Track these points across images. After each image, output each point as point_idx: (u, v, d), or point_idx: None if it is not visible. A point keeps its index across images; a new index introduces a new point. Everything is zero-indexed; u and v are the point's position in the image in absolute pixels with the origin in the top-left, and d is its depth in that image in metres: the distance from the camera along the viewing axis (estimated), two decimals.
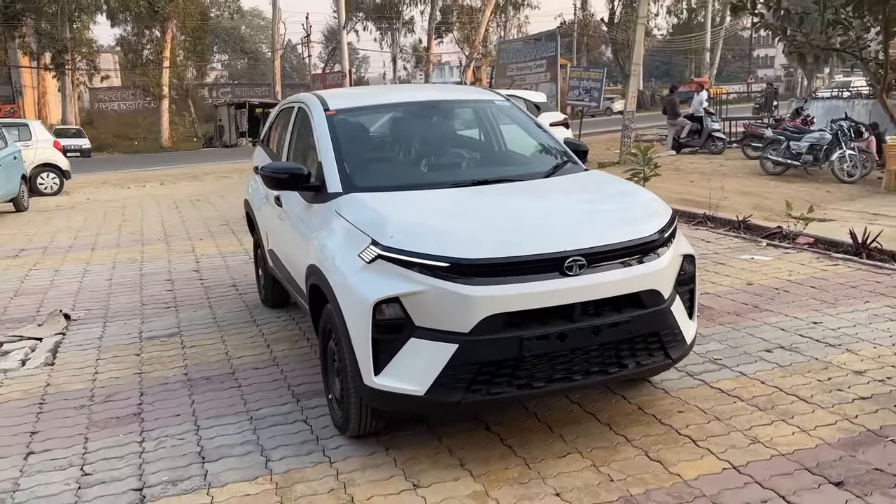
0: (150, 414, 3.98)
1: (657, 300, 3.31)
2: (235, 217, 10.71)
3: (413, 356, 3.11)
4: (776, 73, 75.41)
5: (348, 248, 3.34)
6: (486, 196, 3.69)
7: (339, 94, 4.80)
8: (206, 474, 3.30)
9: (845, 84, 35.46)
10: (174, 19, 38.28)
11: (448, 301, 3.03)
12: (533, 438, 3.50)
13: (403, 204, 3.53)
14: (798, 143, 14.34)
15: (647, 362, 3.35)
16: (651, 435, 3.49)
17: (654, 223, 3.42)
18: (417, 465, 3.30)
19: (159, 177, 18.82)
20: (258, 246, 5.91)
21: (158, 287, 6.72)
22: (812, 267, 6.43)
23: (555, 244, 3.13)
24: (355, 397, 3.33)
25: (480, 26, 45.44)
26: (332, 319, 3.43)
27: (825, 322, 4.95)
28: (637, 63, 15.04)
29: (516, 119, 4.64)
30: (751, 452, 3.29)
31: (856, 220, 10.48)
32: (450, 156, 4.36)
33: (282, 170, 4.01)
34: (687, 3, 61.77)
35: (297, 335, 5.18)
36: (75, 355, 4.96)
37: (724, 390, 3.95)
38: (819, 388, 3.91)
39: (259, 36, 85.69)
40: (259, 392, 4.21)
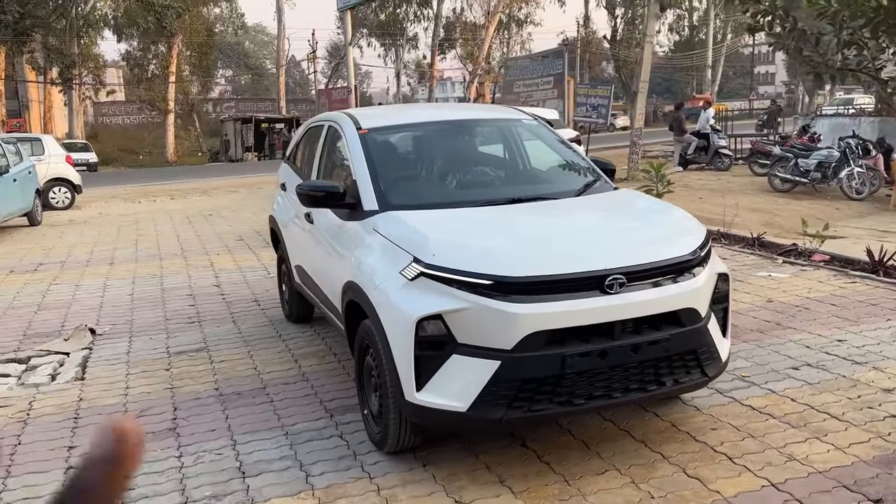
0: (185, 429, 4.01)
1: (695, 318, 3.35)
2: (249, 232, 10.79)
3: (455, 372, 3.14)
4: (777, 89, 75.72)
5: (389, 265, 3.39)
6: (523, 214, 3.74)
7: (370, 112, 4.86)
8: (248, 489, 3.33)
9: (848, 101, 35.70)
10: (181, 35, 38.58)
11: (491, 318, 3.08)
12: (570, 455, 3.53)
13: (441, 221, 3.58)
14: (806, 161, 14.42)
15: (684, 380, 3.39)
16: (687, 452, 3.52)
17: (691, 242, 3.47)
18: (457, 481, 3.33)
19: (168, 191, 18.91)
20: (282, 262, 5.95)
21: (180, 302, 6.76)
22: (830, 284, 6.47)
23: (596, 262, 3.17)
24: (395, 413, 3.36)
25: (484, 43, 45.78)
26: (371, 335, 3.48)
27: (849, 340, 4.98)
28: (645, 80, 15.15)
29: (545, 137, 4.70)
30: (788, 470, 3.32)
31: (866, 237, 10.53)
32: (481, 174, 4.41)
33: (318, 188, 4.06)
34: (689, 20, 62.16)
35: (323, 350, 5.22)
36: (105, 370, 5.00)
37: (755, 408, 3.98)
38: (850, 406, 3.94)
39: (262, 51, 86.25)
40: (292, 407, 4.24)
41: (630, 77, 48.56)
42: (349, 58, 33.97)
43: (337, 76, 63.19)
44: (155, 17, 32.34)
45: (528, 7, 51.08)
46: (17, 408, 4.41)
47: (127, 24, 39.60)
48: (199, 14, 41.01)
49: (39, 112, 36.09)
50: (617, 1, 52.03)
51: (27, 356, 5.39)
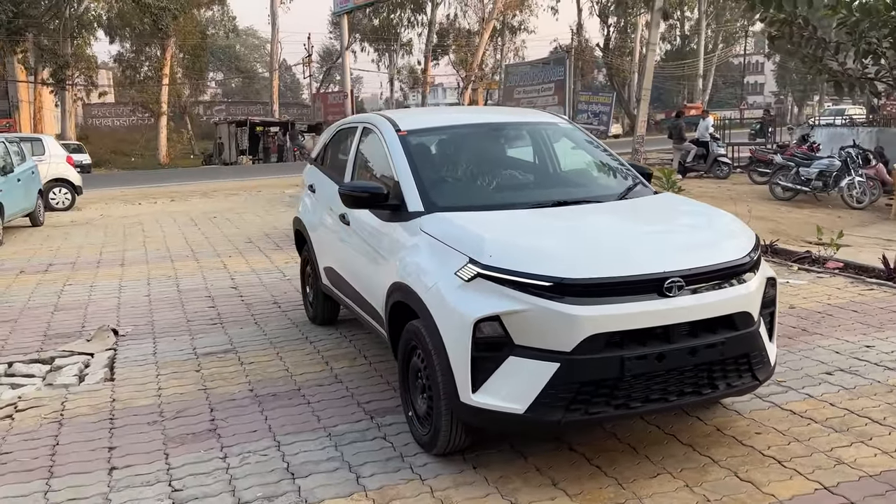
0: (225, 430, 3.98)
1: (748, 322, 3.36)
2: (258, 235, 10.74)
3: (512, 374, 3.14)
4: (766, 99, 76.41)
5: (442, 265, 3.38)
6: (572, 217, 3.75)
7: (406, 114, 4.85)
8: (299, 490, 3.31)
9: (839, 112, 36.04)
10: (174, 37, 38.46)
11: (550, 320, 3.07)
12: (619, 458, 3.53)
13: (492, 223, 3.57)
14: (808, 170, 14.53)
15: (736, 383, 3.40)
16: (736, 456, 3.53)
17: (743, 246, 3.49)
18: (510, 483, 3.32)
19: (167, 193, 18.80)
20: (307, 264, 5.93)
21: (199, 303, 6.72)
22: (849, 291, 6.52)
23: (654, 265, 3.18)
24: (447, 414, 3.35)
25: (478, 49, 45.95)
26: (420, 336, 3.46)
27: (877, 346, 5.02)
28: (647, 88, 15.25)
29: (582, 141, 4.72)
30: (838, 473, 3.33)
31: (871, 245, 10.61)
32: (522, 176, 4.41)
33: (362, 188, 4.05)
34: (681, 30, 62.59)
35: (353, 353, 5.19)
36: (134, 371, 4.95)
37: (795, 412, 4.00)
38: (889, 411, 3.97)
39: (253, 54, 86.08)
40: (329, 409, 4.22)
41: (622, 85, 48.90)
42: (345, 62, 34.08)
43: (329, 80, 63.17)
44: (151, 19, 32.23)
45: (522, 15, 51.27)
46: (50, 408, 4.36)
47: (121, 25, 39.39)
48: (192, 16, 40.89)
49: (30, 112, 35.79)
50: (610, 9, 52.29)
51: (50, 357, 5.34)
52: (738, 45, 66.43)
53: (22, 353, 5.42)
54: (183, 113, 47.27)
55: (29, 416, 4.25)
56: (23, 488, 3.41)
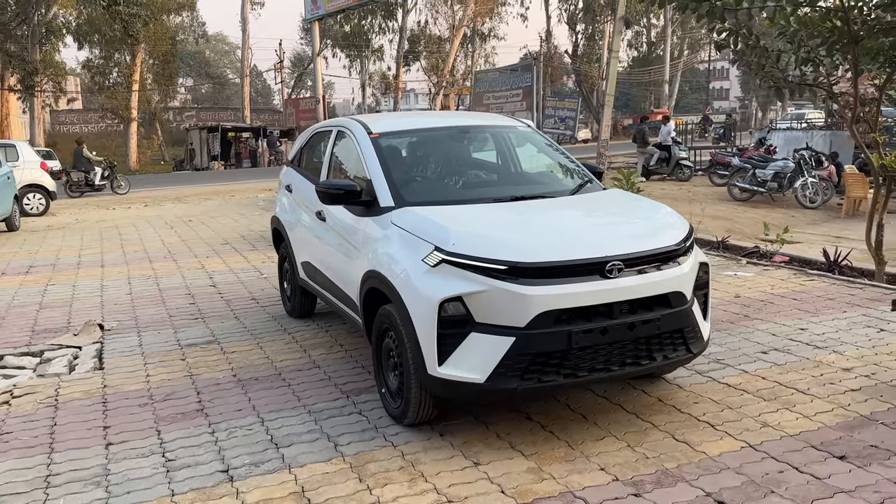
0: (212, 409, 4.31)
1: (682, 301, 3.79)
2: (234, 237, 11.03)
3: (473, 348, 3.53)
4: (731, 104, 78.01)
5: (411, 254, 3.76)
6: (528, 210, 4.16)
7: (377, 118, 5.22)
8: (283, 457, 3.66)
9: (800, 116, 37.12)
10: (145, 43, 38.39)
11: (506, 299, 3.47)
12: (570, 425, 3.93)
13: (455, 216, 3.96)
14: (764, 171, 15.19)
15: (672, 356, 3.83)
16: (674, 421, 3.95)
17: (677, 233, 3.92)
18: (472, 447, 3.71)
19: (140, 199, 18.94)
20: (284, 260, 6.27)
21: (180, 300, 7.02)
22: (791, 282, 7.02)
23: (597, 250, 3.60)
24: (416, 387, 3.73)
25: (449, 56, 46.46)
26: (392, 319, 3.84)
27: (810, 328, 5.49)
28: (611, 94, 15.79)
29: (539, 143, 5.14)
30: (763, 434, 3.77)
31: (821, 242, 11.21)
32: (484, 175, 4.82)
33: (337, 186, 4.42)
34: (647, 37, 63.74)
35: (329, 342, 5.55)
36: (122, 361, 5.26)
37: (730, 385, 4.44)
38: (814, 383, 4.42)
39: (223, 60, 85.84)
40: (309, 390, 4.57)
41: (591, 91, 49.65)
42: (317, 68, 34.32)
43: (300, 86, 63.28)
44: (122, 26, 32.19)
45: (491, 22, 51.96)
46: (44, 394, 4.65)
47: (90, 31, 39.22)
48: (162, 22, 40.85)
49: None
50: (578, 17, 53.17)
51: (40, 350, 5.62)
52: (704, 51, 67.81)
53: (11, 347, 5.69)
54: (153, 119, 47.11)
55: (25, 402, 4.54)
56: (27, 461, 3.72)
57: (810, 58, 7.14)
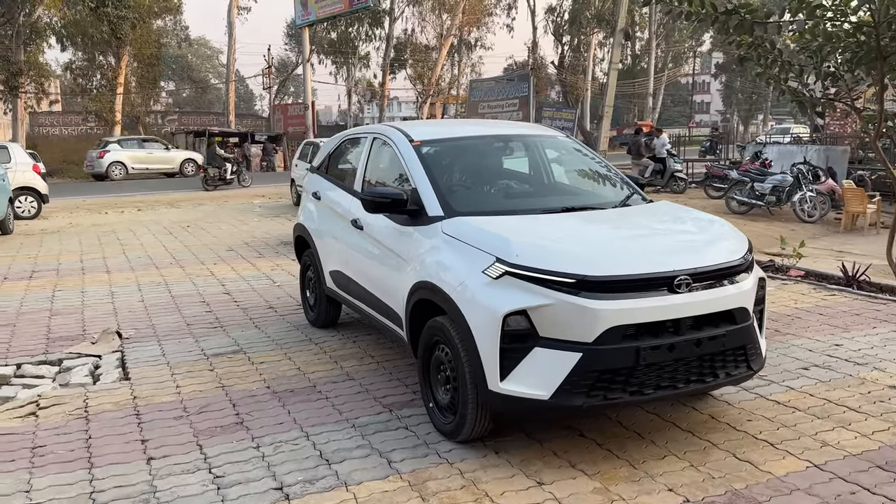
0: (252, 423, 4.17)
1: (745, 317, 3.72)
2: (237, 243, 10.85)
3: (537, 364, 3.42)
4: (712, 118, 78.79)
5: (469, 265, 3.65)
6: (584, 221, 4.07)
7: (413, 126, 5.11)
8: (336, 474, 3.53)
9: (785, 130, 37.58)
10: (130, 46, 37.95)
11: (573, 314, 3.37)
12: (627, 443, 3.84)
13: (511, 226, 3.86)
14: (762, 185, 15.26)
15: (734, 373, 3.75)
16: (732, 440, 3.87)
17: (740, 248, 3.86)
18: (532, 465, 3.60)
19: (131, 203, 18.63)
20: (308, 268, 6.13)
21: (196, 308, 6.85)
22: (813, 297, 7.00)
23: (665, 264, 3.51)
24: (473, 403, 3.62)
25: (437, 65, 46.44)
26: (445, 331, 3.73)
27: (845, 344, 5.46)
28: (609, 105, 15.82)
29: (580, 153, 5.06)
30: (825, 453, 3.70)
31: (825, 255, 11.27)
32: (529, 185, 4.73)
33: (383, 195, 4.30)
34: (631, 49, 64.24)
35: (359, 352, 5.42)
36: (147, 371, 5.09)
37: (780, 402, 4.38)
38: (864, 400, 4.37)
39: (205, 64, 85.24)
40: (349, 403, 4.44)
41: (576, 102, 49.90)
42: (306, 74, 34.12)
43: (283, 92, 62.93)
44: (109, 28, 31.79)
45: (479, 32, 52.00)
46: (73, 405, 4.48)
47: (76, 33, 38.71)
48: (148, 25, 40.42)
49: None
50: (564, 29, 53.45)
51: (58, 359, 5.43)
52: (687, 65, 68.51)
53: (28, 356, 5.50)
54: (137, 122, 46.55)
55: (54, 413, 4.37)
56: (67, 477, 3.56)
57: (831, 72, 7.16)
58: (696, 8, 6.66)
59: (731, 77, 64.23)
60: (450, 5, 45.97)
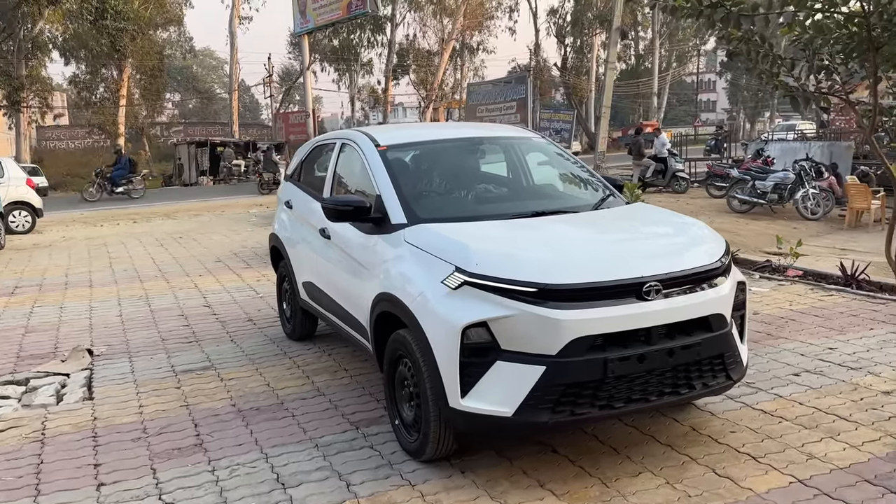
0: (211, 444, 3.99)
1: (722, 324, 3.51)
2: (226, 254, 10.70)
3: (499, 378, 3.23)
4: (718, 116, 78.33)
5: (428, 275, 3.47)
6: (551, 226, 3.87)
7: (382, 130, 4.94)
8: (291, 499, 3.35)
9: (790, 127, 37.19)
10: (132, 58, 38.02)
11: (536, 325, 3.18)
12: (601, 459, 3.64)
13: (475, 233, 3.67)
14: (764, 183, 15.00)
15: (712, 383, 3.54)
16: (713, 454, 3.66)
17: (715, 250, 3.65)
18: (498, 486, 3.40)
19: (128, 215, 18.55)
20: (283, 279, 5.96)
21: (173, 322, 6.68)
22: (809, 297, 6.77)
23: (633, 270, 3.31)
24: (436, 420, 3.43)
25: (439, 69, 46.35)
26: (407, 345, 3.54)
27: (839, 348, 5.23)
28: (607, 105, 15.61)
29: (555, 154, 4.87)
30: (811, 467, 3.49)
31: (826, 254, 11.00)
32: (499, 189, 4.54)
33: (346, 202, 4.12)
34: (635, 49, 63.93)
35: (333, 366, 5.24)
36: (113, 389, 4.92)
37: (766, 411, 4.16)
38: (855, 408, 4.15)
39: (211, 75, 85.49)
40: (314, 421, 4.26)
41: (580, 103, 49.65)
42: (307, 82, 34.05)
43: (288, 100, 62.99)
44: (109, 40, 31.84)
45: (480, 35, 51.90)
46: (31, 428, 4.32)
47: (77, 46, 38.81)
48: (150, 37, 40.50)
49: None
50: (566, 30, 53.26)
51: (25, 378, 5.27)
52: (691, 63, 68.11)
53: None
54: (140, 134, 46.65)
55: (9, 437, 4.21)
56: None
57: (824, 66, 6.93)
58: (681, 2, 6.46)
59: (736, 75, 63.81)
60: (451, 9, 45.87)
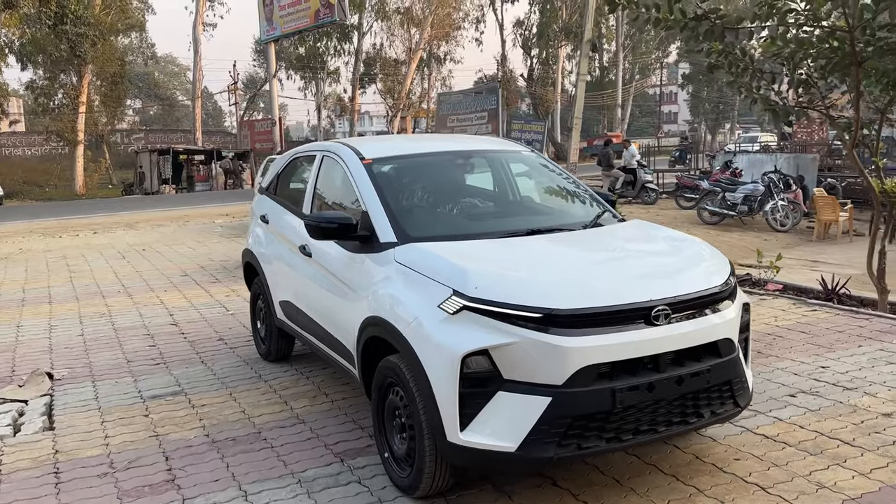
0: (185, 480, 3.70)
1: (730, 349, 3.35)
2: (193, 267, 10.33)
3: (501, 410, 3.02)
4: (680, 128, 79.44)
5: (424, 298, 3.25)
6: (550, 246, 3.68)
7: (365, 142, 4.71)
8: None
9: (752, 139, 37.84)
10: (92, 64, 37.13)
11: (541, 353, 2.97)
12: (605, 493, 3.44)
13: (471, 253, 3.46)
14: (734, 195, 15.09)
15: (720, 411, 3.38)
16: (719, 484, 3.49)
17: (722, 271, 3.50)
18: None
19: (88, 225, 17.96)
20: (258, 297, 5.69)
21: (138, 342, 6.34)
22: (794, 313, 6.69)
23: (641, 294, 3.13)
24: (431, 455, 3.20)
25: (406, 78, 46.21)
26: (399, 373, 3.32)
27: (831, 366, 5.13)
28: (578, 117, 15.58)
29: (546, 168, 4.69)
30: (822, 498, 3.34)
31: (799, 266, 11.06)
32: (492, 204, 4.35)
33: (330, 219, 3.87)
34: (599, 62, 64.56)
35: (312, 390, 4.97)
36: (75, 418, 4.60)
37: (768, 436, 4.02)
38: (857, 432, 4.03)
39: (173, 82, 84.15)
40: (295, 452, 3.99)
41: (546, 114, 49.89)
42: (273, 90, 33.63)
43: (252, 108, 62.22)
44: (68, 46, 31.01)
45: (448, 45, 51.85)
46: None
47: (34, 51, 37.79)
48: (111, 43, 39.62)
49: None
50: (532, 42, 53.53)
51: None
52: (654, 75, 69.04)
53: None
54: (100, 141, 45.60)
55: None
56: None
57: (804, 80, 6.90)
58: (665, 14, 6.36)
59: (697, 87, 64.79)
60: (418, 20, 45.78)
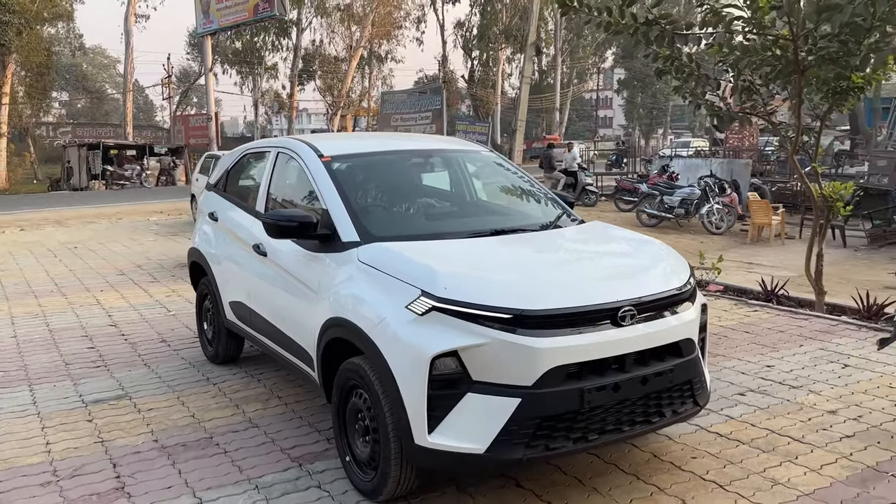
0: (135, 487, 3.55)
1: (691, 348, 3.40)
2: (129, 266, 9.98)
3: (470, 412, 2.99)
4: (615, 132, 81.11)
5: (390, 299, 3.19)
6: (515, 246, 3.67)
7: (323, 139, 4.61)
8: None
9: (686, 144, 38.89)
10: (17, 53, 35.52)
11: (511, 353, 2.96)
12: (568, 493, 3.45)
13: (437, 253, 3.42)
14: (671, 198, 15.46)
15: (680, 410, 3.43)
16: (679, 482, 3.54)
17: (682, 273, 3.54)
18: None
19: (14, 222, 17.14)
20: (205, 298, 5.51)
21: (76, 344, 6.07)
22: (736, 313, 6.87)
23: (608, 294, 3.15)
24: (397, 458, 3.14)
25: (347, 76, 45.80)
26: (363, 375, 3.25)
27: (776, 365, 5.28)
28: (522, 119, 15.74)
29: (506, 169, 4.68)
30: (778, 494, 3.42)
31: (735, 268, 11.37)
32: (455, 205, 4.31)
33: (290, 218, 3.76)
34: (538, 65, 65.36)
35: (264, 393, 4.84)
36: (13, 424, 4.35)
37: (722, 434, 4.10)
38: (806, 429, 4.15)
39: (102, 74, 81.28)
40: (251, 457, 3.87)
41: (486, 116, 50.20)
42: (209, 85, 32.87)
43: (185, 102, 60.70)
44: None
45: (389, 44, 51.62)
46: None
47: None
48: (37, 32, 37.99)
49: None
50: (473, 43, 53.79)
51: None
52: (591, 80, 70.31)
53: None
54: (25, 134, 43.70)
55: None
56: None
57: (747, 86, 7.10)
58: (617, 18, 6.45)
59: (632, 93, 66.25)
60: (359, 17, 45.41)
